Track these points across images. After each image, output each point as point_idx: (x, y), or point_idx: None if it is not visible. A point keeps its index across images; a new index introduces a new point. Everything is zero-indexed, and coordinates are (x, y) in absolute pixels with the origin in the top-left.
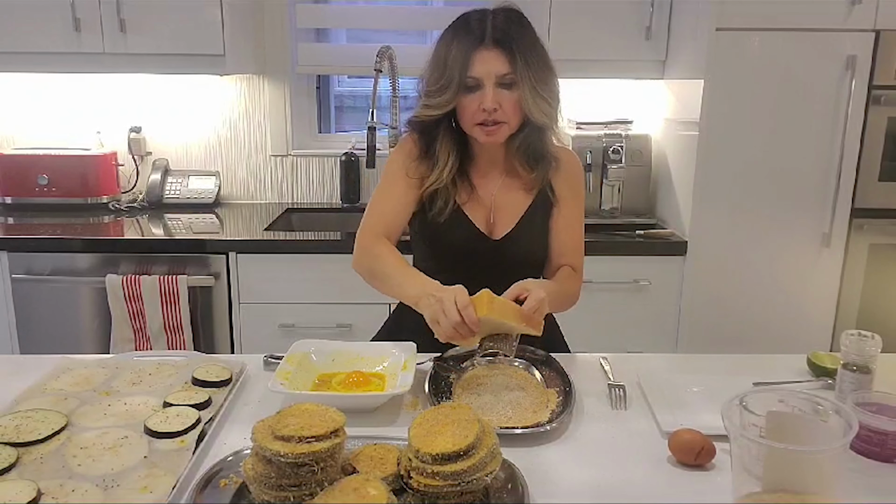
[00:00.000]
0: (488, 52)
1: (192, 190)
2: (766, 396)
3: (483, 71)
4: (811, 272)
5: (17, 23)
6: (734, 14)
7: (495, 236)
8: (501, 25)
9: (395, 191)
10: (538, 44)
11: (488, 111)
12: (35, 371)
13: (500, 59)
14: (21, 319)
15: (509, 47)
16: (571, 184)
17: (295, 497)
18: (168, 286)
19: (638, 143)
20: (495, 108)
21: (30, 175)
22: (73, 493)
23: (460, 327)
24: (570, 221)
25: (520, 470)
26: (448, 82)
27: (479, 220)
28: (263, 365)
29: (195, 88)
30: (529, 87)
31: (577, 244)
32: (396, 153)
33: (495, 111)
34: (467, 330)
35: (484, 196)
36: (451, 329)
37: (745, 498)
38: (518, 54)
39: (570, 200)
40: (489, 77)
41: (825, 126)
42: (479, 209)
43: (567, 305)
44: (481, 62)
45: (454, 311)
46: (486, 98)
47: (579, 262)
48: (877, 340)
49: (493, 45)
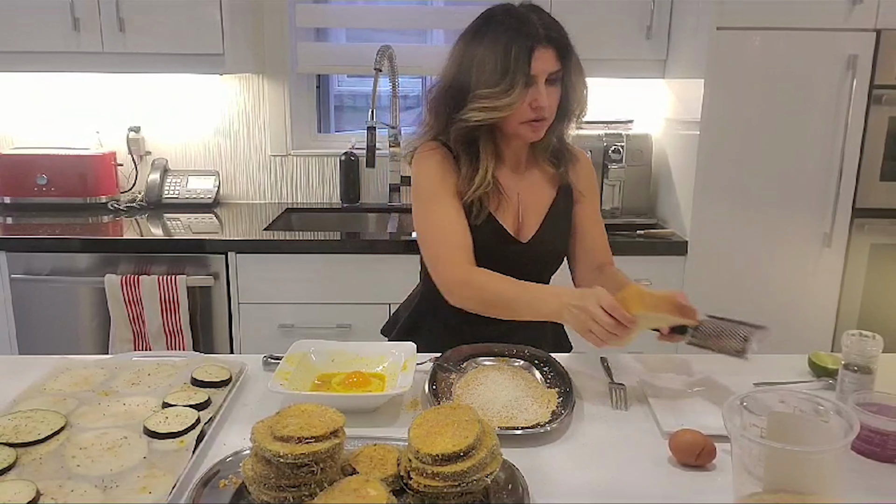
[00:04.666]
0: (545, 51)
1: (192, 190)
2: (767, 397)
3: (539, 69)
4: (812, 272)
5: (17, 22)
6: (735, 13)
7: (523, 238)
8: (550, 23)
9: (451, 211)
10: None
11: (542, 108)
12: (34, 371)
13: (553, 57)
14: (20, 320)
15: (560, 44)
16: (590, 181)
17: (294, 498)
18: (167, 286)
19: (638, 142)
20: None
21: (29, 175)
22: (73, 493)
23: (616, 329)
24: (595, 217)
25: (520, 470)
26: (513, 82)
27: (508, 223)
28: (263, 365)
29: (194, 88)
30: (575, 83)
31: (606, 241)
32: (430, 170)
33: (544, 108)
34: (624, 329)
35: (511, 197)
36: (608, 334)
37: (746, 498)
38: (567, 51)
39: (590, 197)
40: (542, 75)
41: (826, 126)
42: (508, 211)
43: None
44: (538, 60)
45: (604, 316)
46: (540, 96)
47: (610, 257)
48: (878, 341)
49: (548, 44)
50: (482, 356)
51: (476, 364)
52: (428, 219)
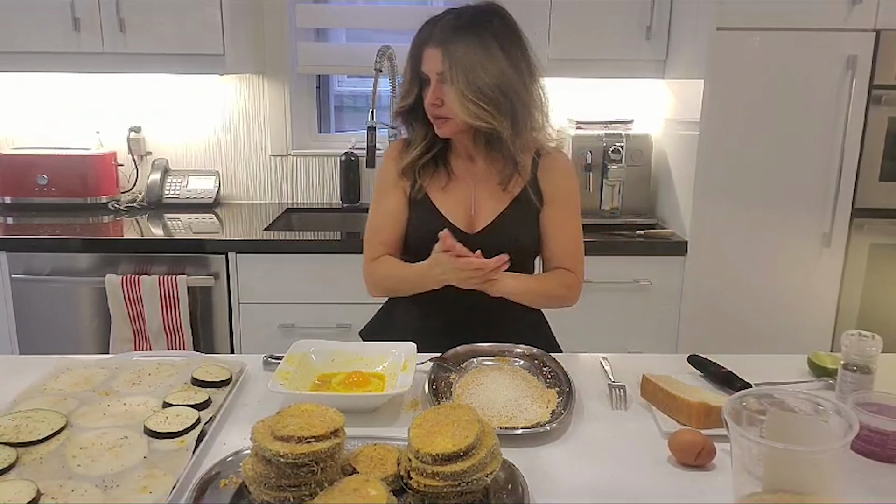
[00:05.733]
0: (432, 51)
1: (192, 190)
2: (767, 397)
3: (427, 68)
4: (812, 272)
5: (17, 22)
6: (735, 14)
7: (474, 228)
8: (448, 27)
9: (385, 203)
10: (488, 48)
11: (432, 106)
12: (34, 371)
13: (439, 59)
14: (20, 319)
15: (446, 48)
16: (560, 185)
17: (294, 497)
18: (167, 286)
19: (638, 143)
20: (437, 104)
21: (29, 175)
22: (73, 493)
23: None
24: (560, 224)
25: (520, 470)
26: (408, 78)
27: (455, 214)
28: (263, 365)
29: (195, 88)
30: (456, 89)
31: (571, 247)
32: (383, 162)
33: (439, 107)
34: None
35: (463, 189)
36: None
37: (746, 498)
38: (450, 55)
39: (561, 202)
40: (432, 74)
41: (826, 126)
42: (457, 202)
43: (550, 304)
44: (426, 60)
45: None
46: (430, 95)
47: (574, 265)
48: (877, 341)
49: (436, 45)
50: (482, 356)
51: (476, 364)
52: (369, 217)
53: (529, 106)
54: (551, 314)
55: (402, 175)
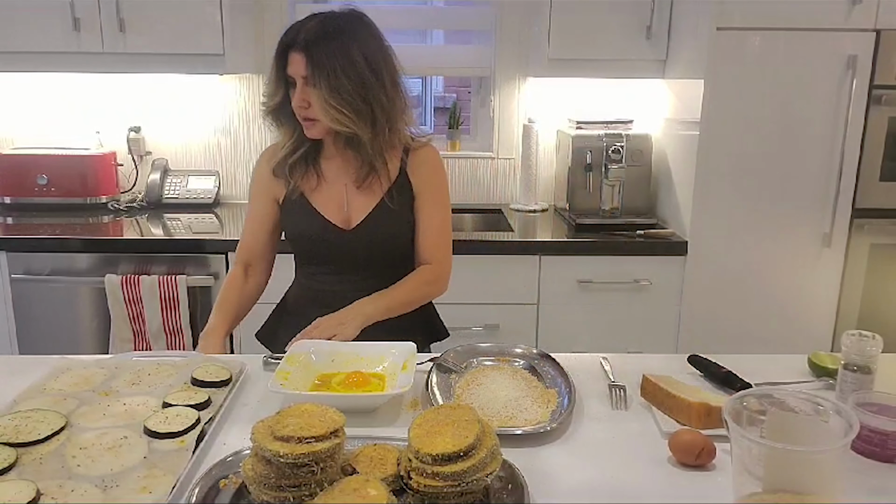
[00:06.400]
0: (297, 56)
1: (192, 190)
2: (767, 397)
3: (293, 71)
4: (812, 272)
5: (17, 22)
6: (735, 13)
7: (348, 226)
8: (312, 32)
9: (251, 208)
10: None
11: (299, 108)
12: (34, 371)
13: (303, 63)
14: (20, 319)
15: (310, 53)
16: (427, 179)
17: (294, 498)
18: (167, 286)
19: (638, 142)
20: (305, 106)
21: (29, 175)
22: (73, 493)
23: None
24: (426, 216)
25: (520, 470)
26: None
27: (329, 211)
28: (263, 365)
29: (194, 88)
30: (318, 95)
31: (436, 239)
32: (258, 164)
33: (307, 108)
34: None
35: (336, 188)
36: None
37: (746, 498)
38: (313, 61)
39: (427, 195)
40: (296, 77)
41: (826, 126)
42: (330, 200)
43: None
44: (291, 63)
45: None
46: (296, 95)
47: (439, 256)
48: (877, 341)
49: (300, 50)
50: (482, 356)
51: (476, 364)
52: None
53: (390, 111)
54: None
55: (275, 175)
